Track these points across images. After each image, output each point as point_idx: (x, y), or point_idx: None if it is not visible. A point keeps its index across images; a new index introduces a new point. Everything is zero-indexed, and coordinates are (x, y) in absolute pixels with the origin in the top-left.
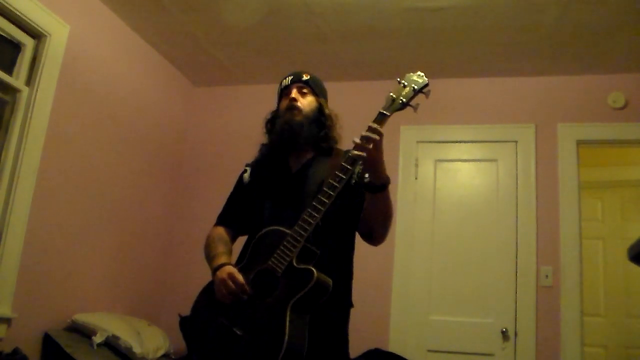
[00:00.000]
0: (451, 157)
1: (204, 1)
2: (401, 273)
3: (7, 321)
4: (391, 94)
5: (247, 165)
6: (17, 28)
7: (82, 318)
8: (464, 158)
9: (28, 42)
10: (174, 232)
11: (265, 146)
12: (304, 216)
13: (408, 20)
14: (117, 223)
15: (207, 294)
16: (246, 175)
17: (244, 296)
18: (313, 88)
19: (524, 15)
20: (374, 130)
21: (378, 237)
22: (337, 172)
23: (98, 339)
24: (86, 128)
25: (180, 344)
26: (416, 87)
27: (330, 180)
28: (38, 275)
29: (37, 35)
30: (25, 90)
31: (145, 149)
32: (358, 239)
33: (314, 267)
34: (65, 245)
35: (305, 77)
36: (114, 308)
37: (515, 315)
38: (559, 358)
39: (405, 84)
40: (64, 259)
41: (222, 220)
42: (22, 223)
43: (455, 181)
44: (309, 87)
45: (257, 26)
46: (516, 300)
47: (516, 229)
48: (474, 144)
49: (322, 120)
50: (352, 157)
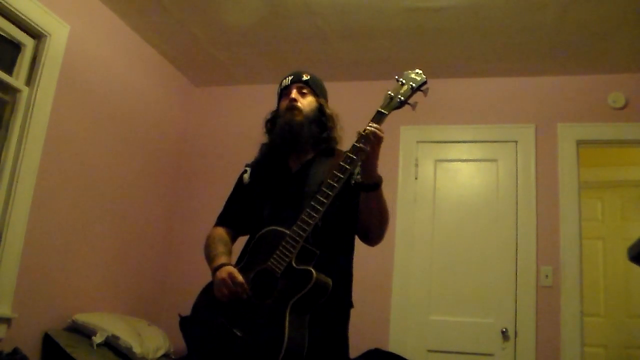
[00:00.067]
0: (451, 157)
1: (204, 1)
2: (401, 273)
3: (7, 321)
4: (389, 92)
5: (247, 165)
6: (17, 28)
7: (82, 318)
8: (464, 158)
9: (28, 42)
10: (174, 232)
11: (265, 146)
12: (303, 216)
13: (408, 20)
14: (117, 223)
15: (207, 294)
16: (246, 176)
17: (244, 296)
18: (313, 88)
19: (524, 15)
20: (377, 131)
21: (374, 238)
22: (336, 172)
23: (98, 339)
24: (86, 128)
25: (180, 344)
26: (414, 85)
27: (329, 181)
28: (38, 275)
29: (37, 35)
30: (25, 90)
31: (145, 149)
32: (357, 239)
33: (314, 268)
34: (65, 245)
35: (305, 77)
36: (114, 308)
37: (515, 315)
38: (559, 358)
39: (404, 82)
40: (64, 259)
41: (222, 221)
42: (22, 223)
43: (455, 181)
44: (309, 87)
45: (257, 26)
46: (516, 300)
47: (516, 229)
48: (474, 144)
49: (323, 120)
50: (352, 155)
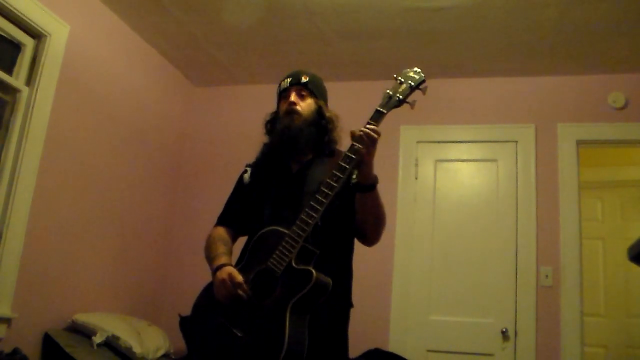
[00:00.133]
0: (451, 157)
1: (204, 1)
2: (401, 273)
3: (7, 321)
4: (388, 91)
5: (248, 165)
6: (17, 28)
7: (82, 318)
8: (464, 158)
9: (28, 42)
10: (174, 232)
11: (266, 146)
12: (302, 216)
13: (408, 20)
14: (117, 223)
15: (208, 294)
16: (246, 176)
17: (244, 297)
18: (312, 90)
19: (524, 15)
20: (372, 131)
21: (371, 238)
22: (335, 172)
23: (98, 339)
24: (86, 128)
25: (180, 344)
26: (413, 84)
27: (328, 180)
28: (38, 275)
29: (37, 35)
30: (25, 90)
31: (145, 149)
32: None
33: (313, 267)
34: (65, 245)
35: (304, 79)
36: (114, 308)
37: (515, 315)
38: (559, 358)
39: (402, 80)
40: (64, 259)
41: (223, 221)
42: (22, 223)
43: (455, 181)
44: (307, 90)
45: (257, 26)
46: (516, 300)
47: (516, 229)
48: (474, 144)
49: (322, 123)
50: (351, 155)
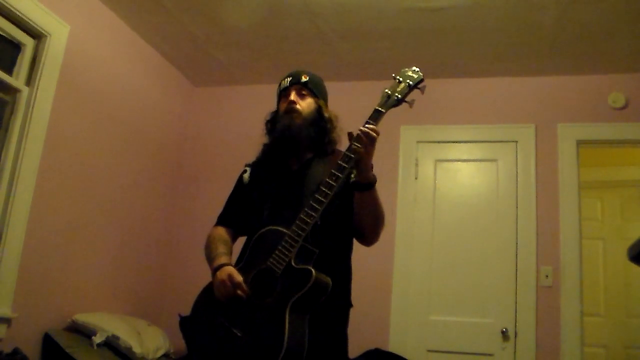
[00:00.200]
0: (451, 157)
1: (204, 1)
2: (401, 273)
3: (7, 321)
4: (386, 90)
5: (247, 165)
6: (17, 28)
7: (82, 318)
8: (464, 158)
9: (28, 42)
10: (174, 232)
11: (267, 146)
12: (302, 216)
13: (408, 20)
14: (117, 223)
15: (207, 294)
16: (246, 176)
17: (243, 297)
18: (312, 89)
19: (524, 15)
20: (371, 130)
21: (369, 238)
22: (334, 171)
23: (98, 339)
24: (86, 128)
25: (180, 344)
26: (411, 83)
27: (328, 180)
28: (38, 275)
29: (37, 35)
30: (25, 90)
31: (145, 149)
32: None
33: (313, 267)
34: (65, 245)
35: (304, 79)
36: (114, 308)
37: (515, 315)
38: (559, 358)
39: (401, 79)
40: (64, 259)
41: (222, 220)
42: (22, 223)
43: (455, 181)
44: (307, 89)
45: (257, 26)
46: (516, 300)
47: (516, 229)
48: (474, 144)
49: (322, 123)
50: (350, 155)
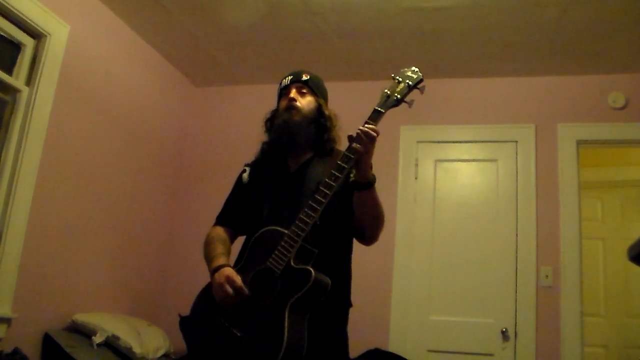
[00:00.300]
0: (451, 157)
1: (204, 1)
2: (401, 273)
3: (7, 321)
4: (386, 90)
5: (247, 165)
6: (17, 28)
7: (82, 318)
8: (464, 158)
9: (28, 42)
10: (174, 232)
11: (265, 145)
12: (301, 216)
13: (408, 20)
14: (117, 223)
15: (206, 294)
16: (245, 175)
17: (242, 298)
18: (312, 88)
19: (524, 15)
20: (371, 130)
21: (369, 237)
22: (334, 171)
23: (98, 339)
24: (86, 128)
25: (180, 344)
26: (410, 83)
27: (327, 180)
28: (38, 275)
29: (37, 35)
30: (25, 90)
31: (145, 149)
32: None
33: (312, 267)
34: (65, 245)
35: (305, 77)
36: (114, 308)
37: (515, 315)
38: (559, 358)
39: (400, 80)
40: (64, 259)
41: (221, 220)
42: (22, 223)
43: (455, 181)
44: (308, 87)
45: (257, 26)
46: (516, 300)
47: (516, 229)
48: (474, 144)
49: (322, 121)
50: (349, 154)
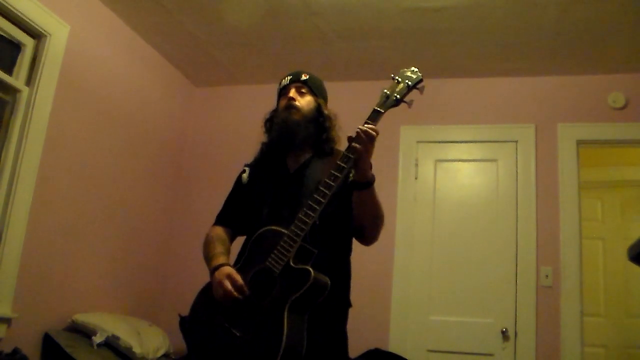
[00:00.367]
0: (451, 157)
1: (204, 1)
2: (401, 273)
3: (7, 321)
4: (385, 90)
5: (246, 165)
6: (17, 28)
7: (82, 318)
8: (464, 158)
9: (28, 42)
10: (174, 232)
11: (265, 145)
12: (300, 216)
13: (408, 20)
14: (117, 223)
15: (206, 294)
16: (245, 176)
17: (242, 297)
18: (312, 88)
19: (524, 15)
20: (370, 129)
21: (368, 237)
22: (333, 171)
23: (98, 339)
24: (86, 128)
25: (180, 344)
26: (410, 83)
27: (326, 180)
28: (38, 275)
29: (37, 35)
30: (25, 90)
31: (145, 149)
32: None
33: (312, 267)
34: (65, 245)
35: (304, 77)
36: (114, 308)
37: (515, 315)
38: (559, 358)
39: (399, 80)
40: (64, 259)
41: (221, 220)
42: (22, 223)
43: (455, 181)
44: (307, 87)
45: (257, 26)
46: (516, 300)
47: (516, 229)
48: (474, 144)
49: (321, 120)
50: (349, 154)
